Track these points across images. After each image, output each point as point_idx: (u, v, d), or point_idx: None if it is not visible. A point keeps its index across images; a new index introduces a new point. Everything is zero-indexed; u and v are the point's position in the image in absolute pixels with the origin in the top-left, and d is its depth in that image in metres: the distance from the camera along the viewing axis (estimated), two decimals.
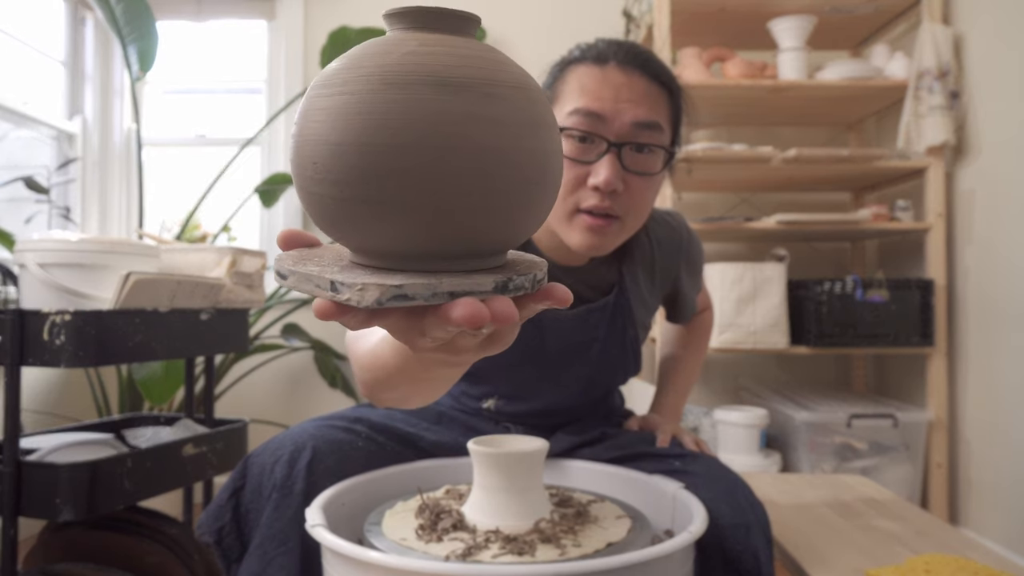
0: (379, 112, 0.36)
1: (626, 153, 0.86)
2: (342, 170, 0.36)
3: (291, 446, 0.91)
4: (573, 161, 0.87)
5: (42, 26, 2.55)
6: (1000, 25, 1.94)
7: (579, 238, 0.89)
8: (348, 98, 0.37)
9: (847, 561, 1.00)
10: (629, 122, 0.86)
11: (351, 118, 0.36)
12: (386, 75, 0.37)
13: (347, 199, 0.37)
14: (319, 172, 0.37)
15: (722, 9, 2.27)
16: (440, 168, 0.36)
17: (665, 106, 0.90)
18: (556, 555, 0.73)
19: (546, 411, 1.04)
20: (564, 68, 0.91)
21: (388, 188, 0.36)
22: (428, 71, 0.37)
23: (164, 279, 1.26)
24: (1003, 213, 1.92)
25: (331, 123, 0.37)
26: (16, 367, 1.13)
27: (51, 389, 2.31)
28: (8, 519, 1.12)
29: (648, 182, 0.89)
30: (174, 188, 2.82)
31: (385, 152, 0.35)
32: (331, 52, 2.49)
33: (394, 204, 0.36)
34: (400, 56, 0.37)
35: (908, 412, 2.10)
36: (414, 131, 0.35)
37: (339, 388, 2.53)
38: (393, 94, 0.36)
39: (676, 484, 0.91)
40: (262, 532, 0.86)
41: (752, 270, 2.15)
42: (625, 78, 0.86)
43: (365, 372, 0.65)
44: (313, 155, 0.37)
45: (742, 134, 2.65)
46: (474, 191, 0.36)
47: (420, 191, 0.36)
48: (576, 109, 0.86)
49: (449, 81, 0.37)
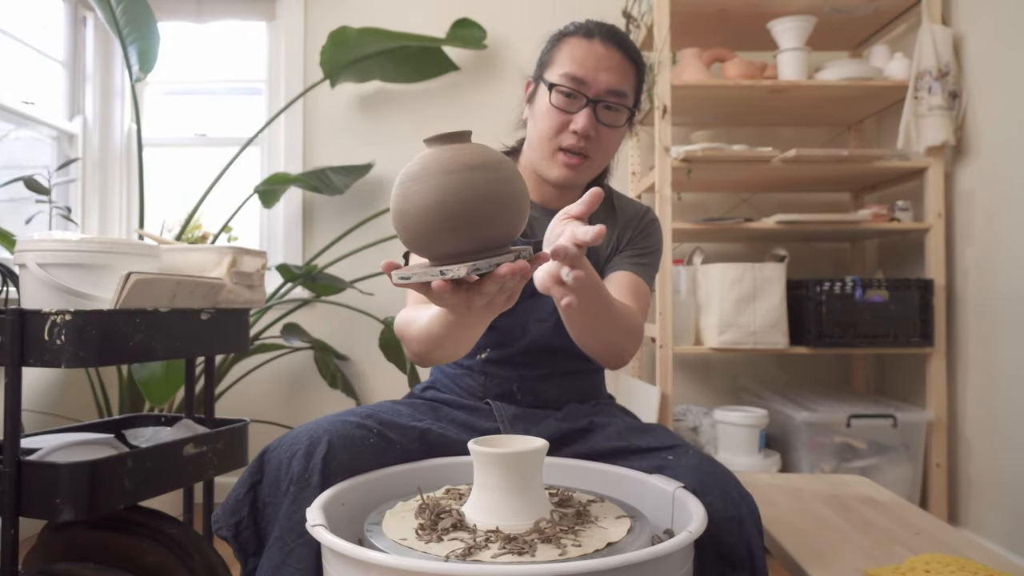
0: (442, 185, 0.71)
1: (600, 109, 1.11)
2: (429, 218, 0.71)
3: (307, 441, 0.95)
4: (560, 110, 1.11)
5: (42, 26, 2.55)
6: (1000, 25, 1.94)
7: (557, 172, 1.14)
8: (426, 182, 0.72)
9: (847, 561, 1.00)
10: (604, 87, 1.10)
11: (429, 191, 0.71)
12: (441, 167, 0.72)
13: (432, 232, 0.71)
14: (416, 221, 0.72)
15: (722, 9, 2.27)
16: (477, 207, 0.70)
17: (632, 77, 1.14)
18: (556, 555, 0.73)
19: (530, 349, 1.15)
20: (560, 38, 1.16)
21: (453, 222, 0.71)
22: (461, 162, 0.72)
23: (164, 279, 1.27)
24: (1003, 213, 1.92)
25: (420, 195, 0.71)
26: (17, 367, 1.13)
27: (51, 389, 2.31)
28: (8, 519, 1.12)
29: (613, 132, 1.14)
30: (174, 188, 2.82)
31: (449, 205, 0.70)
32: (331, 52, 2.49)
33: (457, 229, 0.71)
34: (445, 157, 0.73)
35: (908, 412, 2.10)
36: (462, 191, 0.70)
37: (339, 388, 2.53)
38: (447, 176, 0.71)
39: (676, 484, 0.91)
40: (281, 524, 0.90)
41: (752, 270, 2.16)
42: (605, 51, 1.12)
43: (420, 344, 0.98)
44: (413, 212, 0.72)
45: (742, 134, 2.65)
46: (495, 215, 0.71)
47: (469, 220, 0.71)
48: (566, 72, 1.10)
49: (472, 165, 0.72)
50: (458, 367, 1.20)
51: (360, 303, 2.60)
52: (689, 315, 2.24)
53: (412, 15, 2.71)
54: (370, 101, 2.73)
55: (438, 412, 1.14)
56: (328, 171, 2.55)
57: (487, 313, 0.79)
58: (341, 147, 2.73)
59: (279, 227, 2.75)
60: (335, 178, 2.54)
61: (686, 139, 2.47)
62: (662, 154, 2.16)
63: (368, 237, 2.61)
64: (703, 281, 2.24)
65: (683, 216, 2.57)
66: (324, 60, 2.50)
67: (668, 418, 2.11)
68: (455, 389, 1.21)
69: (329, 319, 2.69)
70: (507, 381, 1.17)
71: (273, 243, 2.76)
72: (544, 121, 1.13)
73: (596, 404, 1.22)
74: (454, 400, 1.18)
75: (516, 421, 1.13)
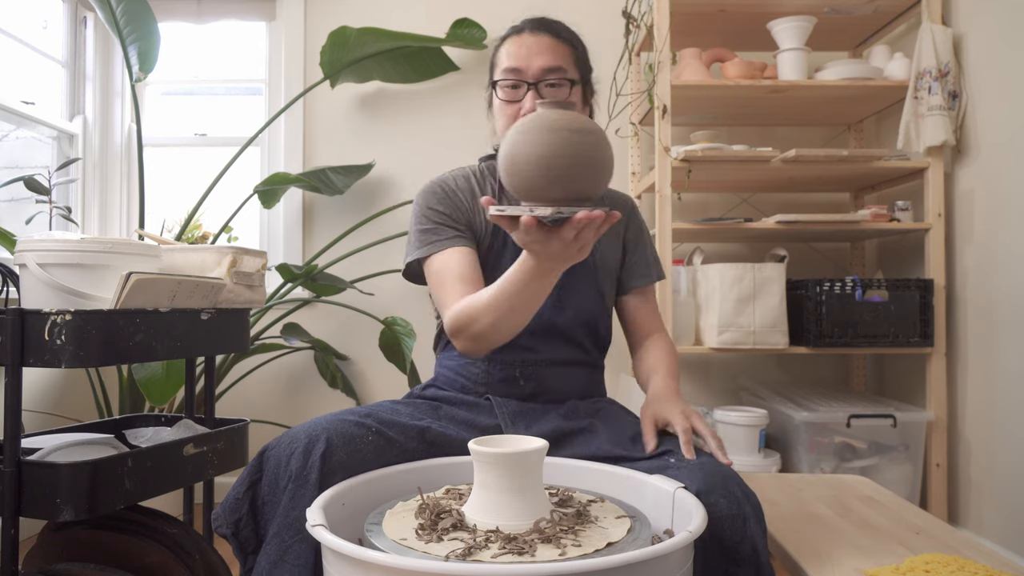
0: (545, 141, 0.83)
1: (542, 88, 1.18)
2: (533, 165, 0.83)
3: (305, 439, 0.96)
4: (508, 103, 1.19)
5: (42, 26, 2.55)
6: (1000, 25, 1.94)
7: None
8: (532, 135, 0.84)
9: (847, 561, 1.00)
10: (539, 68, 1.17)
11: (534, 144, 0.84)
12: (547, 125, 0.84)
13: (530, 176, 0.84)
14: (519, 166, 0.84)
15: (722, 10, 2.27)
16: (572, 163, 0.83)
17: (568, 55, 1.20)
18: (556, 555, 0.73)
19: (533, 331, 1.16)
20: (497, 45, 1.25)
21: (548, 172, 0.83)
22: (563, 124, 0.84)
23: (164, 279, 1.27)
24: (1003, 213, 1.92)
25: (526, 144, 0.84)
26: (17, 367, 1.13)
27: (52, 389, 2.31)
28: (9, 519, 1.12)
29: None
30: (174, 188, 2.82)
31: (547, 158, 0.83)
32: (331, 52, 2.49)
33: (550, 178, 0.83)
34: (552, 118, 0.85)
35: (907, 412, 2.10)
36: (561, 148, 0.83)
37: (339, 388, 2.53)
38: (551, 134, 0.84)
39: (676, 484, 0.92)
40: (279, 521, 0.92)
41: (752, 270, 2.16)
42: (534, 39, 1.19)
43: (491, 313, 1.03)
44: (520, 158, 0.84)
45: (742, 134, 2.65)
46: (582, 172, 0.84)
47: (561, 172, 0.83)
48: (504, 69, 1.20)
49: (572, 128, 0.84)
50: (462, 356, 1.21)
51: (360, 303, 2.60)
52: (689, 315, 2.25)
53: (412, 15, 2.71)
54: (370, 101, 2.73)
55: (438, 411, 1.15)
56: (328, 171, 2.55)
57: (561, 258, 0.89)
58: (341, 147, 2.73)
59: (279, 227, 2.75)
60: (335, 178, 2.54)
61: (686, 139, 2.47)
62: (662, 154, 2.16)
63: (368, 237, 2.61)
64: (703, 281, 2.24)
65: (683, 216, 2.57)
66: (324, 60, 2.50)
67: None
68: (457, 382, 1.23)
69: (329, 319, 2.69)
70: (510, 367, 1.19)
71: (273, 243, 2.76)
72: (500, 117, 1.22)
73: (598, 402, 1.23)
74: (454, 397, 1.19)
75: (517, 418, 1.14)
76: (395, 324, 2.40)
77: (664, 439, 1.06)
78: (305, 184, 2.47)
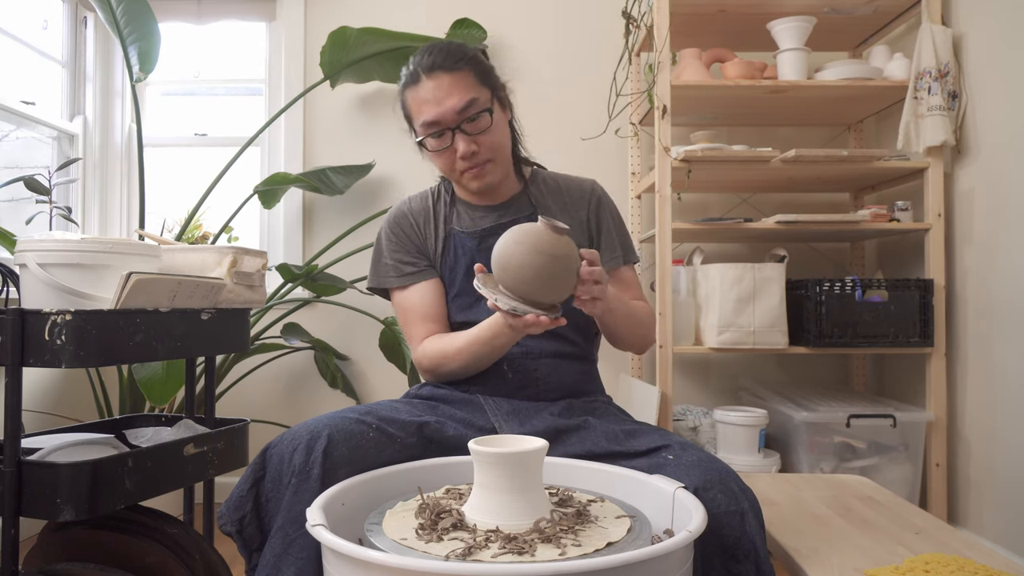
0: (530, 260, 0.98)
1: (465, 126, 1.19)
2: (514, 271, 1.00)
3: (307, 436, 0.98)
4: (439, 152, 1.22)
5: (43, 26, 2.55)
6: (1000, 25, 1.94)
7: (473, 185, 1.24)
8: (523, 248, 0.99)
9: (846, 561, 1.00)
10: (452, 111, 1.17)
11: (523, 256, 0.99)
12: (534, 246, 0.99)
13: (518, 280, 1.00)
14: (512, 271, 1.00)
15: (722, 10, 2.27)
16: (545, 281, 1.00)
17: (470, 79, 1.19)
18: (556, 555, 0.73)
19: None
20: (403, 94, 1.24)
21: (525, 281, 1.00)
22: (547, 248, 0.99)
23: (165, 279, 1.27)
24: (1002, 213, 1.92)
25: (518, 257, 0.99)
26: (17, 367, 1.13)
27: (52, 389, 2.31)
28: (9, 519, 1.12)
29: (491, 132, 1.21)
30: (174, 188, 2.82)
31: (528, 270, 0.99)
32: (331, 52, 2.49)
33: (529, 286, 1.00)
34: (541, 241, 0.99)
35: (907, 412, 2.10)
36: (539, 270, 0.99)
37: (339, 388, 2.53)
38: (538, 257, 0.99)
39: (676, 484, 0.92)
40: (283, 516, 0.93)
41: (752, 270, 2.16)
42: (434, 83, 1.18)
43: (464, 356, 1.19)
44: (514, 265, 0.99)
45: (742, 134, 2.65)
46: (551, 289, 1.01)
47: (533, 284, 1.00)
48: (422, 124, 1.20)
49: (552, 252, 0.99)
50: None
51: (360, 303, 2.60)
52: (689, 315, 2.25)
53: (412, 15, 2.71)
54: (370, 101, 2.73)
55: (436, 409, 1.17)
56: (328, 171, 2.55)
57: (520, 335, 1.10)
58: (341, 147, 2.73)
59: (279, 227, 2.75)
60: (335, 178, 2.54)
61: (686, 139, 2.47)
62: (662, 154, 2.16)
63: (368, 237, 2.61)
64: (703, 281, 2.24)
65: (683, 216, 2.57)
66: (324, 60, 2.50)
67: (668, 418, 2.12)
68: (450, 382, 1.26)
69: (329, 319, 2.69)
70: (498, 362, 1.22)
71: (273, 243, 2.76)
72: (439, 161, 1.25)
73: (593, 400, 1.24)
74: (450, 395, 1.22)
75: (510, 417, 1.15)
76: (395, 324, 2.40)
77: (659, 438, 1.07)
78: (305, 184, 2.47)
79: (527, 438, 0.88)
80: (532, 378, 1.22)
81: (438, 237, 1.31)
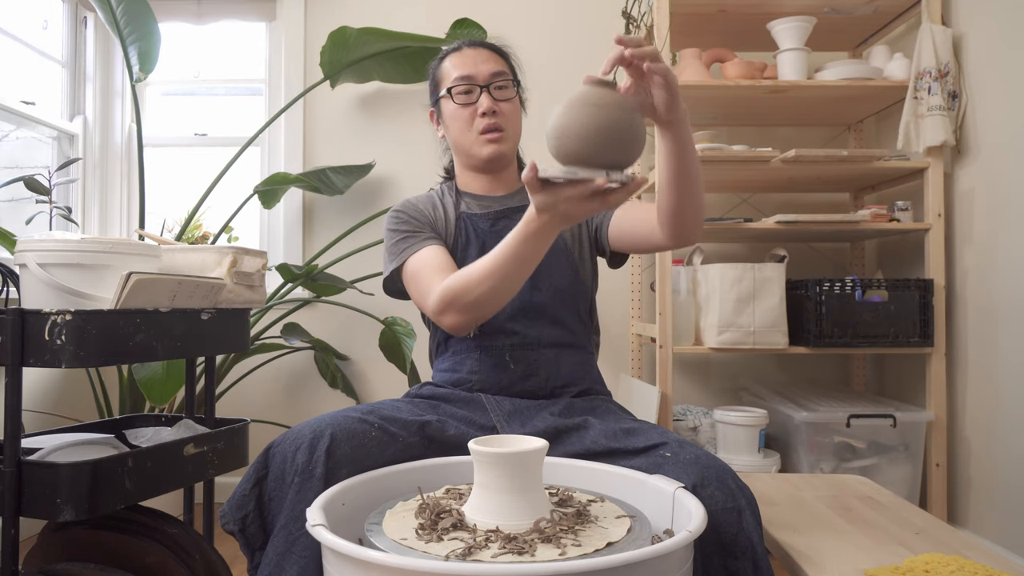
0: (587, 114, 0.90)
1: (493, 90, 1.28)
2: (575, 135, 0.90)
3: (310, 434, 0.98)
4: (464, 106, 1.28)
5: (43, 26, 2.55)
6: (1000, 25, 1.94)
7: (487, 150, 1.29)
8: (581, 108, 0.91)
9: (846, 561, 1.00)
10: (487, 73, 1.29)
11: (583, 117, 0.90)
12: (592, 101, 0.91)
13: (582, 144, 0.90)
14: (567, 136, 0.91)
15: (722, 10, 2.27)
16: (607, 134, 0.90)
17: (504, 63, 1.33)
18: (556, 555, 0.73)
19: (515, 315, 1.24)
20: (439, 63, 1.35)
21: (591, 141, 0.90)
22: (607, 100, 0.91)
23: (165, 279, 1.27)
24: (1002, 213, 1.92)
25: (573, 119, 0.91)
26: (17, 367, 1.13)
27: (52, 389, 2.31)
28: (9, 519, 1.12)
29: (512, 106, 1.31)
30: (174, 188, 2.82)
31: (590, 128, 0.90)
32: (331, 52, 2.49)
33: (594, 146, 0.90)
34: (596, 95, 0.92)
35: (907, 412, 2.10)
36: (599, 121, 0.90)
37: (339, 388, 2.53)
38: (598, 110, 0.90)
39: (676, 484, 0.92)
40: (286, 514, 0.94)
41: (752, 270, 2.16)
42: (475, 52, 1.31)
43: (488, 280, 1.06)
44: (568, 130, 0.91)
45: (742, 134, 2.65)
46: (618, 142, 0.91)
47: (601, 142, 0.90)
48: (456, 77, 1.29)
49: (608, 103, 0.91)
50: (455, 353, 1.28)
51: (360, 303, 2.60)
52: (689, 315, 2.25)
53: (412, 15, 2.71)
54: (370, 101, 2.74)
55: (437, 408, 1.18)
56: (328, 171, 2.55)
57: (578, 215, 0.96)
58: (341, 147, 2.73)
59: (279, 227, 2.75)
60: (335, 178, 2.54)
61: None
62: None
63: (368, 237, 2.61)
64: (703, 281, 2.24)
65: None
66: (324, 60, 2.50)
67: (668, 418, 2.12)
68: (452, 378, 1.26)
69: (329, 319, 2.69)
70: (499, 352, 1.23)
71: (273, 243, 2.76)
72: (457, 121, 1.29)
73: (594, 399, 1.24)
74: (451, 394, 1.23)
75: (511, 417, 1.16)
76: (395, 324, 2.40)
77: (657, 436, 1.07)
78: (305, 184, 2.47)
79: (527, 438, 0.88)
80: (535, 369, 1.23)
81: (448, 220, 1.31)
